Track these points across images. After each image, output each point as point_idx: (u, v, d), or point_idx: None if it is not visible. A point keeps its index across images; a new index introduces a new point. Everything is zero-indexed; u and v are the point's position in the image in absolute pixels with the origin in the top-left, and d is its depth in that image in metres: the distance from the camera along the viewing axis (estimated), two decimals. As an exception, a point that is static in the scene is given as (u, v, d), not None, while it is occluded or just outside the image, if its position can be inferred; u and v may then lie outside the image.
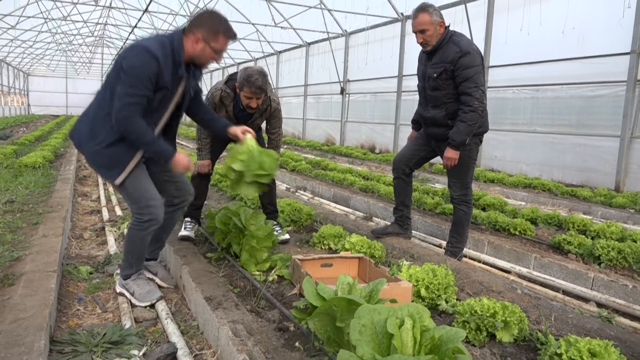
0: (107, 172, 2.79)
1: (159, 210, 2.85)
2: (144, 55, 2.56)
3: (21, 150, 10.57)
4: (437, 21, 3.68)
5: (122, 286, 3.06)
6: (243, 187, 3.07)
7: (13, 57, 33.42)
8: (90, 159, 2.82)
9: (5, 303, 2.53)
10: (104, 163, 2.77)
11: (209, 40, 2.69)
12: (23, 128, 21.31)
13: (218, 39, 2.71)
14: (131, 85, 2.55)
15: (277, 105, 3.89)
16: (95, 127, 2.72)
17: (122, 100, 2.57)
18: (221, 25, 2.72)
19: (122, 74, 2.57)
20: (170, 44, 2.65)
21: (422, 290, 2.73)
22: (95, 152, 2.74)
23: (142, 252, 3.03)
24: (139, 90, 2.57)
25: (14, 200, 5.24)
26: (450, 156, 3.75)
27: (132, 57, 2.57)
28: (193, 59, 2.75)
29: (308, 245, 3.98)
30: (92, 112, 2.77)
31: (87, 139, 2.76)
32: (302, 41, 18.45)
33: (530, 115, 9.75)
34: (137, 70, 2.54)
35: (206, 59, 2.77)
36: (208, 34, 2.68)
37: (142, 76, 2.55)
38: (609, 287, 3.60)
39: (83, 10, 21.65)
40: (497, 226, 4.99)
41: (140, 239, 2.91)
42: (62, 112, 42.77)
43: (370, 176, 8.45)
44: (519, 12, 9.64)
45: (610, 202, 6.74)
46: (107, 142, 2.69)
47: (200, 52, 2.72)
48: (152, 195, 2.84)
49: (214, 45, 2.71)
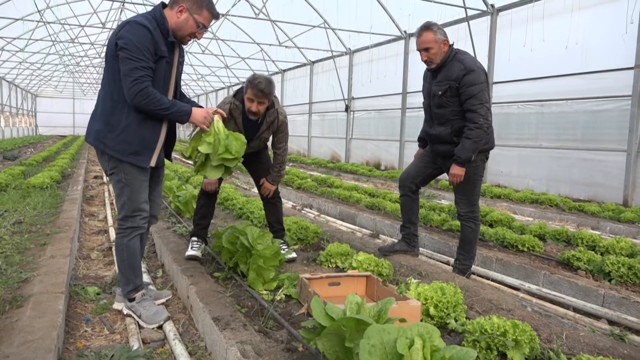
0: (138, 157, 2.79)
1: (144, 222, 2.93)
2: (136, 28, 2.63)
3: (29, 171, 10.65)
4: (441, 39, 3.71)
5: (128, 309, 3.05)
6: (209, 169, 2.99)
7: (21, 79, 33.89)
8: (117, 149, 2.77)
9: (14, 325, 2.53)
10: (133, 149, 2.77)
11: (193, 12, 2.77)
12: (31, 149, 21.52)
13: (202, 12, 2.79)
14: (134, 59, 2.60)
15: (284, 119, 3.89)
16: (111, 119, 2.74)
17: (130, 76, 2.60)
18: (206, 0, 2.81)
19: (121, 53, 2.61)
20: (154, 17, 2.75)
21: (431, 309, 2.71)
22: (121, 140, 2.74)
23: (134, 263, 2.99)
24: (143, 62, 2.62)
25: (22, 221, 5.27)
26: (456, 173, 3.76)
27: (126, 33, 2.62)
28: (175, 30, 2.80)
29: (315, 264, 3.96)
30: (101, 107, 2.79)
31: (105, 133, 2.76)
32: (306, 60, 18.62)
33: (536, 131, 9.75)
34: (135, 43, 2.60)
35: (188, 30, 2.81)
36: (193, 5, 2.77)
37: (141, 47, 2.61)
38: (620, 304, 3.56)
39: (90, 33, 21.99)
40: (505, 243, 4.96)
41: (125, 247, 2.92)
42: (69, 133, 43.22)
43: (376, 193, 8.44)
44: (521, 29, 9.71)
45: (619, 217, 6.70)
46: (130, 128, 2.73)
47: (183, 23, 2.78)
48: (144, 207, 2.91)
49: (197, 17, 2.78)
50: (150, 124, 2.79)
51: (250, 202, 5.96)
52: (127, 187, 2.84)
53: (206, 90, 33.78)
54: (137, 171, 2.84)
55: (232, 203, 6.33)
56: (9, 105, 32.89)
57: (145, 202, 2.92)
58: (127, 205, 2.87)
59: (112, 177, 2.87)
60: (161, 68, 2.78)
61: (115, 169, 2.83)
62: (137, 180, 2.86)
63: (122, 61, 2.62)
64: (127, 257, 2.95)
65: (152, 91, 2.65)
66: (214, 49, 20.64)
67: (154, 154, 2.83)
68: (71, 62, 28.12)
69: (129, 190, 2.84)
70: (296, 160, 17.35)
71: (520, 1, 9.80)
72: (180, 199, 6.05)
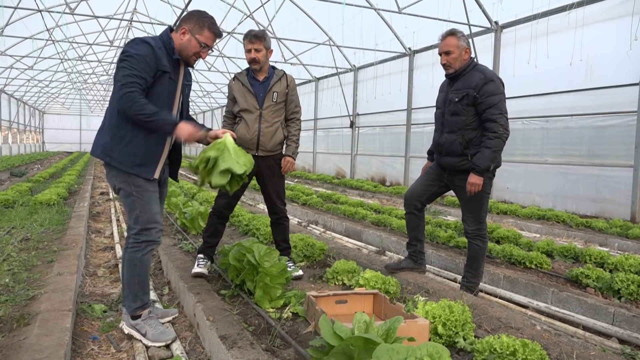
0: (143, 169, 2.84)
1: (159, 235, 2.95)
2: (138, 43, 2.75)
3: (36, 188, 10.72)
4: (463, 47, 3.78)
5: (131, 326, 2.98)
6: (215, 175, 2.88)
7: (29, 97, 34.29)
8: (123, 162, 2.82)
9: (21, 343, 2.53)
10: (139, 161, 2.83)
11: (195, 33, 2.88)
12: (37, 165, 21.66)
13: (203, 32, 2.89)
14: (129, 67, 2.68)
15: (292, 78, 4.08)
16: (117, 132, 2.81)
17: (120, 81, 2.67)
18: (207, 20, 2.92)
19: (119, 64, 2.72)
20: (160, 37, 2.89)
21: (439, 327, 2.69)
22: (127, 152, 2.80)
23: (144, 279, 2.96)
24: (136, 72, 2.68)
25: (29, 237, 5.29)
26: (474, 182, 3.73)
27: (128, 47, 2.74)
28: (180, 51, 2.90)
29: (322, 281, 3.95)
30: (108, 122, 2.86)
31: (112, 146, 2.82)
32: (311, 76, 18.76)
33: (541, 146, 9.74)
34: (134, 55, 2.69)
35: (192, 50, 2.90)
36: (194, 27, 2.88)
37: (138, 59, 2.69)
38: (631, 322, 3.52)
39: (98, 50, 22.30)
40: (512, 259, 4.93)
41: (139, 261, 2.90)
42: (75, 149, 43.55)
43: (381, 209, 8.43)
44: (525, 46, 9.76)
45: (627, 234, 6.65)
46: (136, 140, 2.79)
47: (187, 43, 2.88)
48: (158, 218, 2.93)
49: (199, 37, 2.89)
50: (155, 137, 2.85)
51: (256, 219, 5.96)
52: (139, 199, 2.86)
53: (212, 106, 34.02)
54: (146, 182, 2.87)
55: (238, 219, 6.34)
56: (16, 122, 33.23)
57: (158, 214, 2.95)
58: (141, 218, 2.87)
59: (122, 192, 2.89)
60: (164, 83, 2.84)
61: (124, 183, 2.86)
62: (147, 191, 2.88)
63: (118, 70, 2.71)
64: (139, 273, 2.93)
65: (139, 97, 2.68)
66: (220, 66, 20.85)
67: (158, 166, 2.90)
68: (79, 79, 28.48)
69: (140, 202, 2.86)
70: (301, 176, 17.36)
71: (523, 18, 9.87)
72: (186, 215, 6.06)
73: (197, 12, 2.95)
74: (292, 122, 4.04)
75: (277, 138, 3.92)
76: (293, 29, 14.88)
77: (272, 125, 3.89)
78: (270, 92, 3.88)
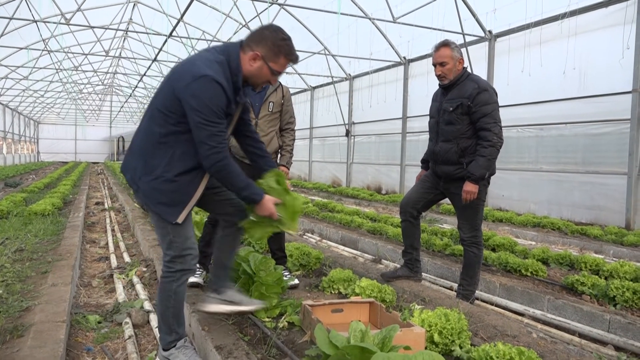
0: (166, 209, 2.48)
1: (194, 261, 2.61)
2: (211, 87, 2.32)
3: (31, 198, 10.66)
4: (457, 57, 3.82)
5: (162, 358, 2.62)
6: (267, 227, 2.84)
7: (24, 107, 34.24)
8: (148, 195, 2.49)
9: (14, 355, 2.51)
10: (165, 200, 2.47)
11: (268, 60, 2.46)
12: (32, 175, 21.58)
13: (279, 59, 2.48)
14: (210, 124, 2.33)
15: (288, 88, 4.08)
16: (150, 160, 2.46)
17: (207, 144, 2.35)
18: (284, 45, 2.48)
19: (193, 115, 2.32)
20: (228, 64, 2.42)
21: (435, 336, 2.68)
22: (154, 188, 2.46)
23: (179, 311, 2.61)
24: (218, 126, 2.36)
25: (23, 248, 5.26)
26: (469, 190, 3.75)
27: (199, 91, 2.31)
28: (246, 78, 2.51)
29: (317, 290, 3.94)
30: (141, 144, 2.52)
31: (141, 175, 2.48)
32: (306, 85, 18.83)
33: (536, 154, 9.80)
34: (210, 107, 2.32)
35: (261, 79, 2.54)
36: (268, 53, 2.45)
37: (216, 110, 2.34)
38: (626, 329, 3.52)
39: (93, 60, 22.33)
40: (508, 267, 4.93)
41: (174, 293, 2.56)
42: (70, 159, 43.42)
43: (377, 218, 8.43)
44: (519, 55, 9.85)
45: (622, 241, 6.67)
46: (167, 177, 2.44)
47: (257, 72, 2.49)
48: (191, 244, 2.59)
49: (273, 65, 2.48)
50: (188, 178, 2.49)
51: (252, 228, 5.93)
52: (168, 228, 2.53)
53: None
54: None
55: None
56: (11, 132, 33.15)
57: (193, 238, 2.61)
58: (175, 244, 2.53)
59: (153, 215, 2.59)
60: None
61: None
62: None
63: (196, 125, 2.33)
64: (174, 305, 2.57)
65: (231, 163, 2.46)
66: (216, 76, 20.85)
67: (184, 210, 2.50)
68: (74, 89, 28.49)
69: (173, 226, 2.51)
70: (297, 185, 17.37)
71: (517, 27, 9.96)
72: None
73: (271, 34, 2.48)
74: (286, 132, 4.06)
75: (272, 147, 3.93)
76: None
77: (267, 134, 3.90)
78: (267, 102, 3.90)
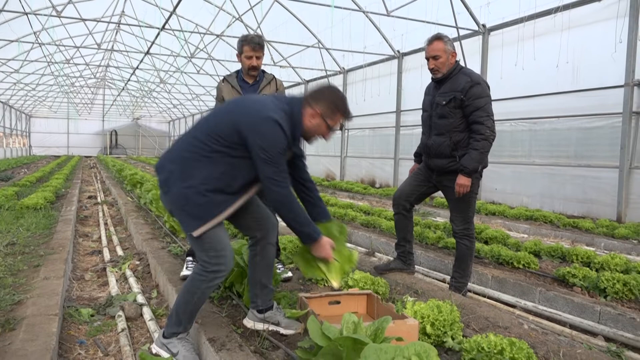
0: (188, 219, 2.53)
1: (229, 262, 2.62)
2: (277, 131, 2.48)
3: (22, 192, 10.59)
4: (450, 50, 3.82)
5: (161, 345, 2.64)
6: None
7: (16, 100, 33.94)
8: (174, 201, 2.55)
9: (6, 349, 2.50)
10: (189, 210, 2.51)
11: (326, 117, 2.61)
12: (24, 169, 21.44)
13: (335, 116, 2.64)
14: (275, 163, 2.48)
15: (281, 82, 4.12)
16: (189, 168, 2.52)
17: (275, 180, 2.50)
18: (340, 103, 2.66)
19: (260, 152, 2.45)
20: (291, 117, 2.58)
21: (428, 327, 2.70)
22: (184, 195, 2.51)
23: (196, 309, 2.67)
24: (282, 166, 2.53)
25: (15, 242, 5.23)
26: (462, 183, 3.77)
27: (267, 132, 2.47)
28: (306, 133, 2.66)
29: (311, 283, 3.95)
30: (183, 153, 2.58)
31: (175, 179, 2.53)
32: (300, 79, 18.78)
33: (529, 148, 9.84)
34: (276, 148, 2.47)
35: (318, 134, 2.68)
36: (327, 111, 2.61)
37: (279, 151, 2.49)
38: (616, 320, 3.56)
39: (85, 53, 22.13)
40: (500, 260, 4.96)
41: (201, 292, 2.60)
42: (63, 153, 43.13)
43: (371, 211, 8.45)
44: (513, 48, 9.86)
45: (613, 234, 6.73)
46: (200, 189, 2.49)
47: (315, 128, 2.64)
48: (225, 246, 2.61)
49: (330, 122, 2.63)
50: (219, 199, 2.55)
51: (245, 221, 5.93)
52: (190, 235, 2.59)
53: (201, 109, 33.91)
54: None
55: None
56: (2, 126, 32.89)
57: (224, 244, 2.62)
58: (203, 252, 2.58)
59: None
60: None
61: None
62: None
63: (262, 162, 2.47)
64: (196, 302, 2.62)
65: (295, 200, 2.61)
66: (209, 69, 20.79)
67: (203, 227, 2.51)
68: (66, 82, 28.24)
69: (209, 230, 2.55)
70: (291, 179, 17.34)
71: (511, 21, 9.96)
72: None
73: (330, 93, 2.67)
74: None
75: None
76: (282, 31, 14.91)
77: None
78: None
